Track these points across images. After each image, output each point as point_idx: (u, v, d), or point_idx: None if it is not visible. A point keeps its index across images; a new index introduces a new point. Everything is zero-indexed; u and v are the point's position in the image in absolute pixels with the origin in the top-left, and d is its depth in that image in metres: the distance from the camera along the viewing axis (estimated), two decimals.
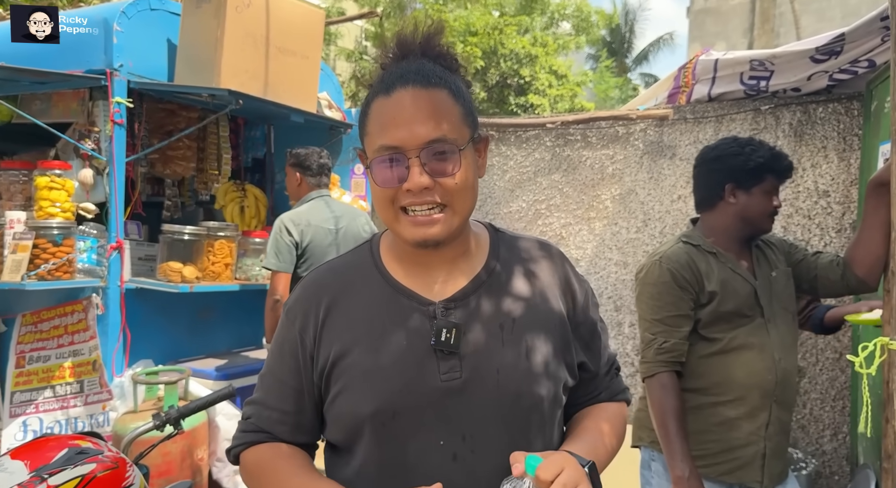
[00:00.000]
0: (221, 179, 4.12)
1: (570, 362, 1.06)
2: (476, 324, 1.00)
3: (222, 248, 3.69)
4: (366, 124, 1.01)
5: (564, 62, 9.92)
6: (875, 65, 3.04)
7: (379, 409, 0.97)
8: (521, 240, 1.14)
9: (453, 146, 0.95)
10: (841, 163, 3.45)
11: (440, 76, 0.99)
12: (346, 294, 1.05)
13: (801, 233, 3.53)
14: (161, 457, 2.81)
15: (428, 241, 0.97)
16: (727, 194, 2.00)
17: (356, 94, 9.62)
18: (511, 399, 0.98)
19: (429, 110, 0.95)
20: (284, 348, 1.07)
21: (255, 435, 1.08)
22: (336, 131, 4.18)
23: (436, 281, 1.04)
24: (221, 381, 3.43)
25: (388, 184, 0.96)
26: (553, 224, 4.24)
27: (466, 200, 0.99)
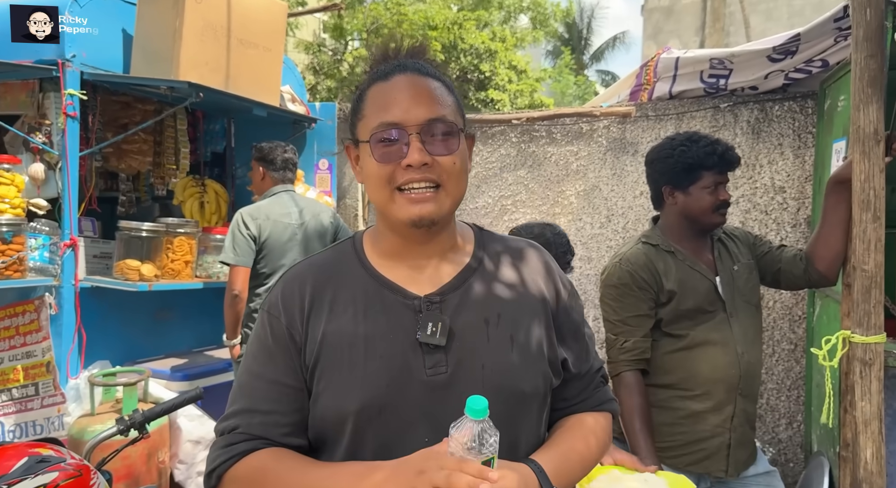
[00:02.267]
0: (179, 174, 4.01)
1: (553, 359, 1.05)
2: (461, 318, 1.00)
3: (182, 245, 3.59)
4: (360, 109, 1.01)
5: (523, 57, 9.97)
6: (828, 65, 3.15)
7: (365, 405, 0.95)
8: (506, 240, 1.14)
9: (454, 126, 0.98)
10: (796, 160, 3.56)
11: (434, 70, 1.03)
12: (329, 288, 1.03)
13: (759, 228, 3.64)
14: (122, 462, 2.72)
15: (423, 219, 0.96)
16: (666, 195, 2.05)
17: (315, 86, 9.48)
18: (496, 394, 0.94)
19: (428, 93, 0.98)
20: (272, 348, 1.01)
21: (248, 444, 0.98)
22: (300, 125, 4.11)
23: (421, 275, 1.03)
24: (182, 382, 3.35)
25: (386, 160, 0.96)
26: (519, 219, 4.26)
27: (460, 183, 1.00)
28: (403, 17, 8.85)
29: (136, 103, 3.71)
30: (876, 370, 1.90)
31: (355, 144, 1.04)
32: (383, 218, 1.03)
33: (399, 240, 1.03)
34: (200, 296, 3.78)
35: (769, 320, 3.55)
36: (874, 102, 1.89)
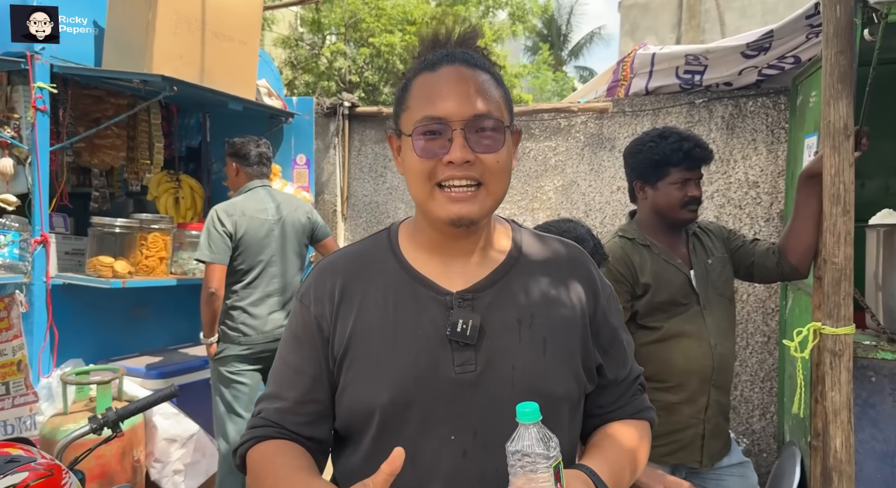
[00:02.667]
0: (154, 169, 3.95)
1: (588, 364, 1.02)
2: (494, 317, 0.97)
3: (156, 242, 3.54)
4: (405, 99, 0.99)
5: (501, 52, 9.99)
6: (800, 61, 3.19)
7: (393, 399, 0.94)
8: (545, 239, 1.11)
9: (499, 123, 0.95)
10: (769, 156, 3.61)
11: (484, 62, 1.00)
12: (361, 279, 1.02)
13: (733, 223, 3.68)
14: (95, 461, 2.69)
15: (462, 219, 0.94)
16: (637, 190, 2.09)
17: (292, 80, 9.39)
18: (525, 396, 0.91)
19: (476, 87, 0.95)
20: (300, 335, 1.03)
21: (263, 430, 1.02)
22: (276, 120, 4.07)
23: (455, 271, 1.01)
24: (158, 380, 3.31)
25: (428, 155, 0.94)
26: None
27: (502, 183, 0.97)
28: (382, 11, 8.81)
29: (109, 97, 3.65)
30: (845, 361, 1.94)
31: (398, 135, 1.01)
32: (422, 213, 1.01)
33: (436, 234, 1.01)
34: (176, 293, 3.74)
35: (743, 313, 3.60)
36: (844, 98, 1.93)
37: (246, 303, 3.01)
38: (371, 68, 8.61)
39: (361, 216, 4.60)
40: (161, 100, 3.29)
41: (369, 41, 8.46)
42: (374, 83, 8.57)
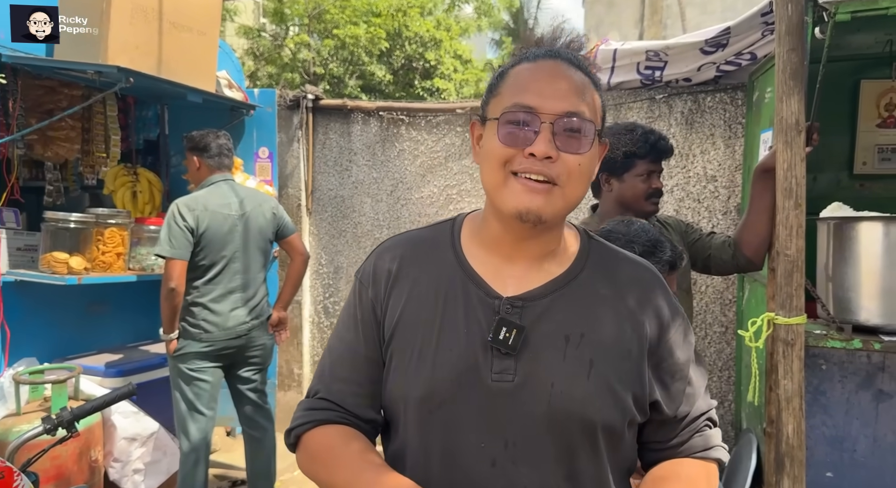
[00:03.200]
0: (110, 162, 3.84)
1: (639, 396, 0.94)
2: (541, 329, 0.93)
3: (113, 237, 3.46)
4: (498, 86, 0.96)
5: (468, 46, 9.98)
6: (756, 57, 3.26)
7: (427, 394, 0.93)
8: (618, 255, 1.04)
9: (590, 125, 0.91)
10: (727, 150, 3.69)
11: (586, 64, 0.96)
12: (417, 267, 1.01)
13: (692, 216, 3.76)
14: (51, 462, 2.62)
15: (531, 213, 0.88)
16: (603, 182, 2.12)
17: (255, 72, 9.24)
18: (563, 417, 0.89)
19: (573, 85, 0.91)
20: (357, 315, 1.02)
21: (326, 413, 1.01)
22: (238, 112, 4.00)
23: (511, 274, 0.97)
24: (116, 378, 3.24)
25: (510, 143, 0.89)
26: (464, 209, 4.28)
27: (579, 188, 0.92)
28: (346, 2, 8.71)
29: (62, 88, 3.53)
30: (797, 349, 2.00)
31: (482, 122, 0.98)
32: (491, 204, 0.97)
33: (500, 231, 0.97)
34: (135, 289, 3.66)
35: (701, 304, 3.68)
36: (796, 94, 1.98)
37: (207, 299, 2.96)
38: (336, 60, 8.51)
39: (327, 210, 4.56)
40: (117, 91, 3.20)
41: (334, 33, 8.37)
42: (338, 75, 8.48)
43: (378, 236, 4.47)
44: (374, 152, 4.45)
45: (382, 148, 4.44)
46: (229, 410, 3.37)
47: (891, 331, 2.09)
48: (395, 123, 4.40)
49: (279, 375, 4.51)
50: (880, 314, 2.11)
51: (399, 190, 4.41)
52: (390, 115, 4.40)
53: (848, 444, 2.39)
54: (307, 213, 4.57)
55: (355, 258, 4.53)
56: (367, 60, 8.31)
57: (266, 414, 3.22)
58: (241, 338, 3.03)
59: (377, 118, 4.43)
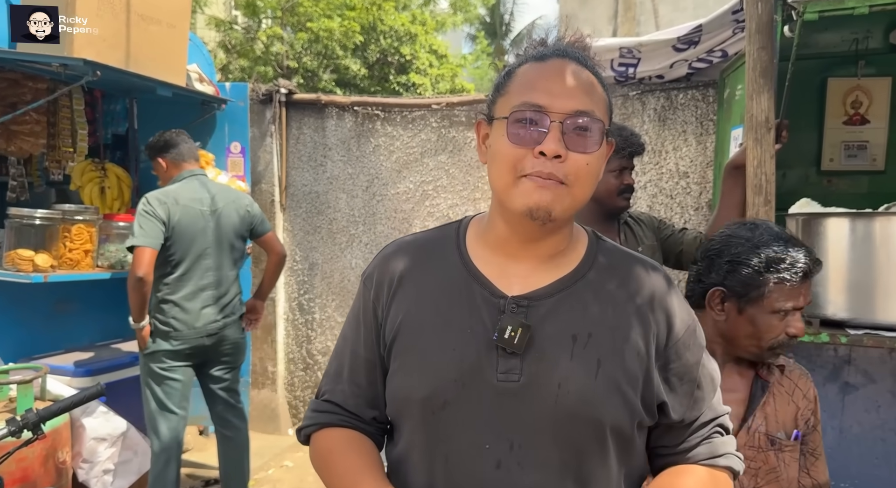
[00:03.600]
0: (77, 157, 3.76)
1: (647, 398, 0.93)
2: (547, 328, 0.91)
3: (81, 234, 3.38)
4: (506, 84, 0.95)
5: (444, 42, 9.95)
6: (727, 55, 3.31)
7: (431, 395, 0.92)
8: (626, 255, 1.02)
9: (599, 124, 0.91)
10: (698, 147, 3.74)
11: (594, 64, 0.96)
12: (421, 268, 1.01)
13: (664, 212, 3.80)
14: (16, 464, 2.56)
15: (541, 208, 0.88)
16: None
17: (226, 65, 9.10)
18: (569, 417, 0.88)
19: (582, 84, 0.91)
20: (360, 317, 1.04)
21: (328, 416, 1.04)
22: (209, 107, 3.93)
23: (517, 273, 0.96)
24: (84, 378, 3.18)
25: (519, 142, 0.89)
26: (440, 205, 4.28)
27: (587, 187, 0.91)
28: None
29: (27, 81, 3.44)
30: None
31: (489, 121, 0.97)
32: (498, 204, 0.96)
33: (507, 230, 0.96)
34: (104, 287, 3.59)
35: None
36: (766, 92, 2.01)
37: (178, 296, 2.91)
38: (310, 54, 8.42)
39: (301, 206, 4.52)
40: (84, 85, 3.13)
41: (307, 26, 8.28)
42: (312, 69, 8.40)
43: (353, 232, 4.44)
44: (349, 148, 4.42)
45: (357, 143, 4.40)
46: (202, 409, 3.32)
47: (857, 325, 2.14)
48: (370, 118, 4.38)
49: (253, 373, 4.47)
50: (847, 308, 2.16)
51: (375, 186, 4.39)
52: (365, 110, 4.37)
53: None
54: (281, 209, 4.52)
55: (330, 254, 4.50)
56: (341, 54, 8.24)
57: (239, 413, 3.19)
58: (212, 336, 2.99)
59: (352, 113, 4.40)
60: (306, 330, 4.58)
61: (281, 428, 4.48)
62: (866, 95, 3.05)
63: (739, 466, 1.00)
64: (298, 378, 4.62)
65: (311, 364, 4.59)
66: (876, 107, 3.04)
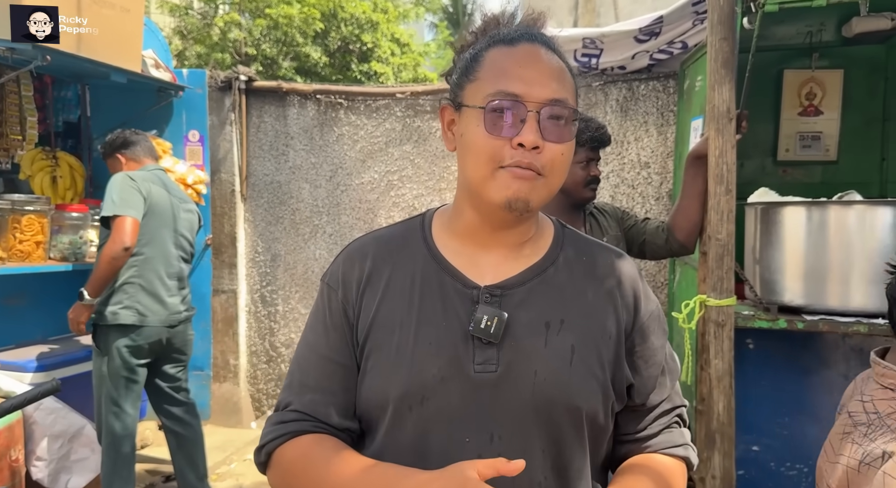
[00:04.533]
0: (26, 145, 3.61)
1: (618, 380, 0.94)
2: (521, 317, 0.91)
3: (31, 224, 3.26)
4: (475, 70, 0.91)
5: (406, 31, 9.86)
6: (687, 46, 3.36)
7: (408, 391, 0.89)
8: (591, 243, 1.04)
9: (572, 113, 0.90)
10: (659, 137, 3.79)
11: (560, 50, 0.94)
12: (389, 264, 0.97)
13: (626, 202, 3.85)
14: None
15: (520, 200, 0.87)
16: None
17: (182, 51, 8.86)
18: (548, 405, 0.88)
19: (555, 71, 0.89)
20: (327, 321, 0.98)
21: (296, 425, 0.95)
22: (165, 94, 3.82)
23: (487, 263, 0.95)
24: (39, 373, 3.07)
25: (496, 133, 0.87)
26: (406, 195, 4.25)
27: (560, 177, 0.91)
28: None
29: None
30: (727, 330, 2.09)
31: (456, 107, 0.93)
32: (471, 195, 0.93)
33: (477, 219, 0.95)
34: (56, 280, 3.47)
35: None
36: (727, 83, 2.04)
37: (144, 280, 2.83)
38: (268, 41, 8.25)
39: (263, 196, 4.44)
40: (32, 70, 3.00)
41: (266, 12, 8.10)
42: (272, 57, 8.23)
43: (317, 223, 4.38)
44: (311, 136, 4.35)
45: (320, 132, 4.34)
46: None
47: (813, 311, 2.21)
48: (333, 107, 4.31)
49: (214, 366, 4.39)
50: (803, 295, 2.22)
51: (339, 175, 4.33)
52: (328, 98, 4.31)
53: (773, 419, 2.52)
54: (241, 199, 4.43)
55: (293, 245, 4.43)
56: (301, 41, 8.09)
57: (191, 409, 3.12)
58: (174, 327, 2.92)
59: (314, 101, 4.33)
60: (269, 322, 4.52)
61: (243, 421, 4.42)
62: (820, 87, 3.14)
63: (695, 459, 1.03)
64: (261, 370, 4.56)
65: (274, 356, 4.53)
66: (829, 98, 3.13)
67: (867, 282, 2.12)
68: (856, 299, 2.14)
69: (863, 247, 2.12)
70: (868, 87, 3.11)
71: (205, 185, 3.87)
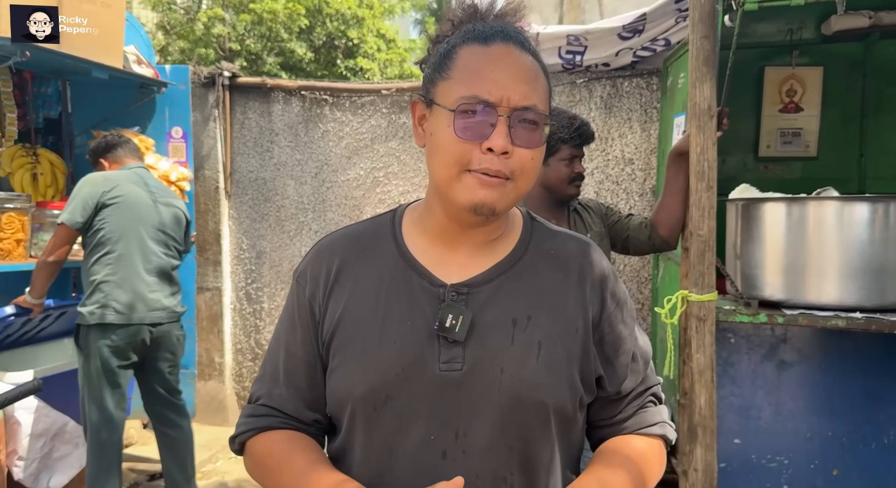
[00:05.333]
0: (6, 142, 3.57)
1: (586, 374, 0.94)
2: (487, 314, 0.91)
3: (12, 222, 3.22)
4: (447, 67, 0.90)
5: (391, 26, 9.83)
6: (670, 43, 3.38)
7: (371, 390, 0.90)
8: (558, 235, 1.02)
9: (543, 117, 0.89)
10: (643, 134, 3.82)
11: (532, 45, 0.93)
12: (357, 262, 0.97)
13: (611, 198, 3.88)
14: None
15: (485, 207, 0.87)
16: None
17: (165, 47, 8.77)
18: (514, 402, 0.88)
19: (528, 75, 0.89)
20: (295, 317, 0.99)
21: (266, 420, 0.99)
22: (148, 90, 3.79)
23: (455, 261, 0.95)
24: (19, 373, 3.04)
25: (466, 137, 0.86)
26: (392, 192, 4.25)
27: (530, 180, 0.91)
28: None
29: None
30: (709, 325, 2.11)
31: (427, 104, 0.92)
32: (439, 196, 0.93)
33: (445, 220, 0.95)
34: None
35: None
36: (708, 80, 2.06)
37: (119, 277, 2.80)
38: (253, 36, 8.19)
39: (247, 193, 4.42)
40: (11, 65, 2.96)
41: (250, 7, 8.04)
42: (256, 52, 8.17)
43: (303, 220, 4.37)
44: (296, 133, 4.34)
45: (305, 128, 4.33)
46: None
47: (792, 306, 2.24)
48: (318, 103, 4.30)
49: (199, 365, 4.36)
50: (783, 289, 2.25)
51: (324, 172, 4.32)
52: (313, 94, 4.29)
53: (753, 412, 2.56)
54: (226, 196, 4.41)
55: (279, 243, 4.42)
56: (286, 37, 8.04)
57: (181, 410, 3.09)
58: (156, 326, 2.89)
59: (299, 97, 4.31)
60: (254, 319, 4.50)
61: (229, 419, 4.40)
62: (800, 84, 3.18)
63: (672, 434, 1.03)
64: (247, 368, 4.54)
65: (259, 354, 4.51)
66: (809, 95, 3.17)
67: (845, 276, 2.16)
68: (834, 293, 2.17)
69: (840, 243, 2.15)
70: (847, 84, 3.15)
71: (188, 182, 3.85)
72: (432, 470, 0.87)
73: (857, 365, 2.44)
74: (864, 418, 2.47)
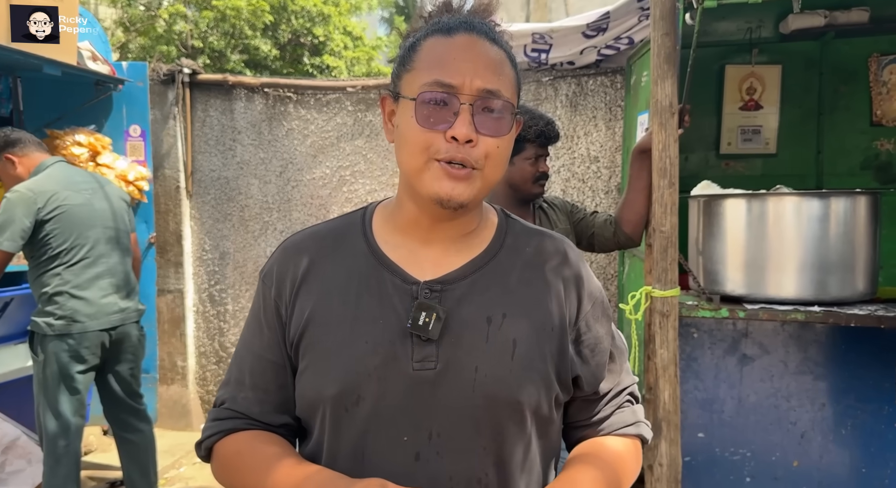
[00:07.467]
0: None
1: (563, 373, 0.93)
2: (462, 312, 0.89)
3: None
4: (411, 59, 0.89)
5: (359, 24, 9.76)
6: (633, 42, 3.41)
7: (342, 392, 0.87)
8: (533, 231, 1.01)
9: (509, 105, 0.87)
10: (608, 132, 3.85)
11: (501, 37, 0.92)
12: (326, 260, 0.95)
13: (577, 195, 3.90)
14: None
15: (452, 200, 0.86)
16: None
17: (125, 44, 8.56)
18: (488, 401, 0.87)
19: (492, 62, 0.87)
20: (262, 319, 0.97)
21: (233, 422, 0.96)
22: (104, 87, 3.68)
23: (428, 258, 0.93)
24: None
25: (428, 125, 0.85)
26: (359, 190, 4.21)
27: (497, 170, 0.90)
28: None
29: None
30: (672, 320, 2.12)
31: (394, 98, 0.91)
32: (407, 188, 0.92)
33: (416, 214, 0.93)
34: None
35: None
36: (669, 77, 2.08)
37: (71, 286, 2.71)
38: (216, 33, 8.05)
39: (209, 193, 4.33)
40: None
41: (213, 4, 7.90)
42: (219, 49, 8.03)
43: (268, 219, 4.30)
44: (260, 131, 4.26)
45: (269, 126, 4.25)
46: None
47: (753, 300, 2.27)
48: (282, 101, 4.23)
49: (161, 369, 4.27)
50: (744, 284, 2.28)
51: (289, 171, 4.26)
52: (276, 91, 4.22)
53: (717, 406, 2.59)
54: (187, 196, 4.31)
55: (242, 243, 4.34)
56: (250, 34, 7.92)
57: (142, 415, 3.02)
58: (115, 329, 2.81)
59: (262, 95, 4.24)
60: (218, 322, 4.42)
61: (193, 424, 4.31)
62: (760, 82, 3.23)
63: (649, 434, 1.03)
64: (211, 372, 4.45)
65: (224, 357, 4.43)
66: (768, 93, 3.22)
67: (803, 270, 2.19)
68: (793, 288, 2.21)
69: (798, 238, 2.19)
70: (804, 82, 3.21)
71: (147, 182, 3.75)
72: (405, 471, 0.86)
73: (816, 358, 2.49)
74: (822, 410, 2.52)
